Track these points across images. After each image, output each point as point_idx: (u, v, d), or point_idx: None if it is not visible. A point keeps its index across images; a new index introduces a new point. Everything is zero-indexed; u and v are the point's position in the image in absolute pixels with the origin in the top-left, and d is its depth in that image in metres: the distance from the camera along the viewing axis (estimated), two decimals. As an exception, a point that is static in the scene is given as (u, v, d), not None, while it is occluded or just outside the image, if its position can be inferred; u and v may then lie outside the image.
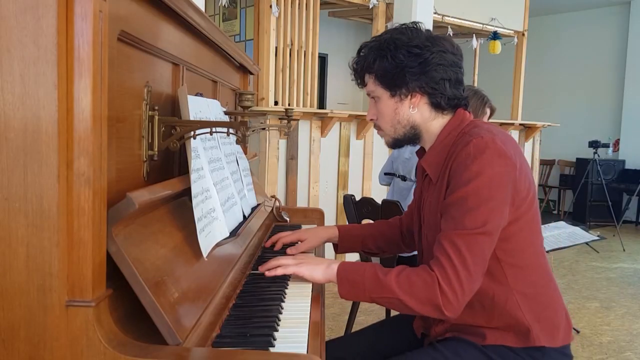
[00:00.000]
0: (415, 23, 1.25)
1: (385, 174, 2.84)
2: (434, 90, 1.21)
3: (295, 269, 1.21)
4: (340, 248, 1.55)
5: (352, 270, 1.18)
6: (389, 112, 1.25)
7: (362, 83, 1.31)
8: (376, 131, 1.34)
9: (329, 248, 1.67)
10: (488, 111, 2.46)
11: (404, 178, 2.66)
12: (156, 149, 1.03)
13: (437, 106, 1.23)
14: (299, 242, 1.50)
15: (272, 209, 1.91)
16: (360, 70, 1.29)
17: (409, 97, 1.22)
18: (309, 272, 1.21)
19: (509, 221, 1.16)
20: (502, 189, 1.12)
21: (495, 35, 5.67)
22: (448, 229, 1.13)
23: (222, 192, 1.26)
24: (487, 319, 1.20)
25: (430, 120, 1.25)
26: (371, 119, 1.31)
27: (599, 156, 6.34)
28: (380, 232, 1.56)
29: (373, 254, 1.64)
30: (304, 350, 0.92)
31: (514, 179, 1.14)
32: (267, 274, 1.22)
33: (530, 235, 1.21)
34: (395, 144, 1.31)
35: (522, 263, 1.20)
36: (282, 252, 1.50)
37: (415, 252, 1.48)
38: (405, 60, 1.18)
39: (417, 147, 1.35)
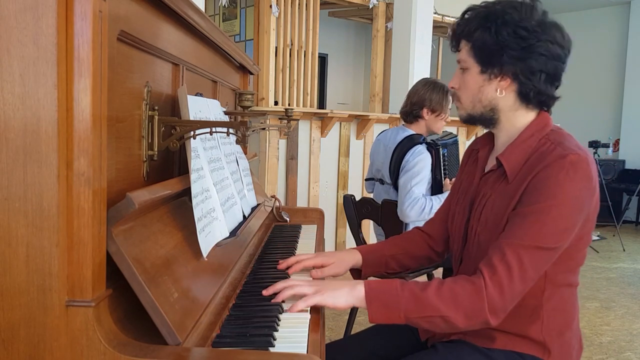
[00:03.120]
0: (533, 1, 1.15)
1: (367, 179, 2.84)
2: (527, 80, 1.14)
3: (319, 298, 1.08)
4: (364, 274, 1.42)
5: (383, 290, 1.08)
6: (474, 87, 1.19)
7: (456, 48, 1.22)
8: (453, 101, 1.27)
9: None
10: (450, 98, 2.49)
11: (381, 181, 2.66)
12: (156, 149, 1.03)
13: (524, 97, 1.17)
14: (323, 267, 1.35)
15: (272, 209, 1.91)
16: (459, 34, 1.20)
17: (499, 79, 1.16)
18: (332, 300, 1.09)
19: (571, 243, 1.13)
20: (581, 213, 1.10)
21: (495, 35, 5.65)
22: (516, 237, 1.08)
23: (222, 192, 1.26)
24: (504, 320, 1.15)
25: (512, 110, 1.19)
26: (452, 87, 1.24)
27: (599, 156, 6.34)
28: (404, 250, 1.45)
29: (395, 274, 1.48)
30: (304, 350, 0.91)
31: (590, 203, 1.12)
32: (290, 310, 1.06)
33: (581, 256, 1.19)
34: (468, 120, 1.24)
35: (563, 282, 1.18)
36: (282, 255, 1.47)
37: None
38: (508, 40, 1.11)
39: (389, 149, 1.29)
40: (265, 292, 1.12)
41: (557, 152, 1.11)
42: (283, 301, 1.11)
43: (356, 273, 1.45)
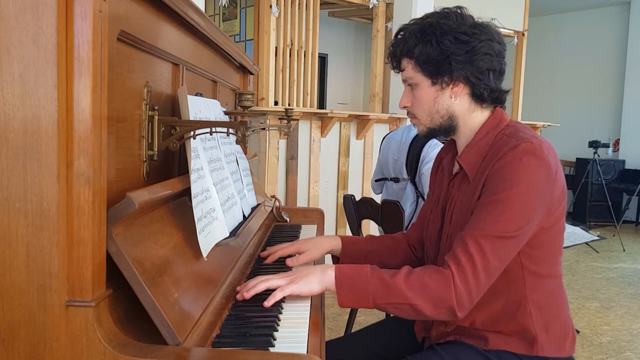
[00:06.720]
0: (459, 7, 1.18)
1: (376, 180, 2.84)
2: (478, 80, 1.15)
3: (293, 287, 1.09)
4: (341, 262, 1.42)
5: (353, 275, 1.10)
6: (428, 100, 1.19)
7: (398, 67, 1.22)
8: (409, 119, 1.28)
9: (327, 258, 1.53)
10: None
11: (396, 180, 2.66)
12: (156, 149, 1.03)
13: (478, 98, 1.18)
14: (298, 255, 1.37)
15: (272, 209, 1.91)
16: (399, 54, 1.20)
17: (451, 86, 1.17)
18: (307, 287, 1.09)
19: (542, 229, 1.13)
20: (540, 198, 1.10)
21: (495, 35, 5.65)
22: (476, 228, 1.09)
23: (222, 192, 1.26)
24: (493, 322, 1.18)
25: (469, 113, 1.20)
26: (405, 106, 1.24)
27: (599, 156, 6.34)
28: (385, 247, 1.46)
29: None
30: (304, 350, 0.91)
31: (552, 190, 1.12)
32: (266, 303, 1.06)
33: (557, 246, 1.19)
34: (429, 133, 1.24)
35: (544, 272, 1.18)
36: (281, 262, 1.43)
37: None
38: (452, 48, 1.12)
39: (405, 145, 1.31)
40: (239, 297, 1.11)
41: (510, 144, 1.12)
42: (283, 300, 1.11)
43: (336, 261, 1.46)
